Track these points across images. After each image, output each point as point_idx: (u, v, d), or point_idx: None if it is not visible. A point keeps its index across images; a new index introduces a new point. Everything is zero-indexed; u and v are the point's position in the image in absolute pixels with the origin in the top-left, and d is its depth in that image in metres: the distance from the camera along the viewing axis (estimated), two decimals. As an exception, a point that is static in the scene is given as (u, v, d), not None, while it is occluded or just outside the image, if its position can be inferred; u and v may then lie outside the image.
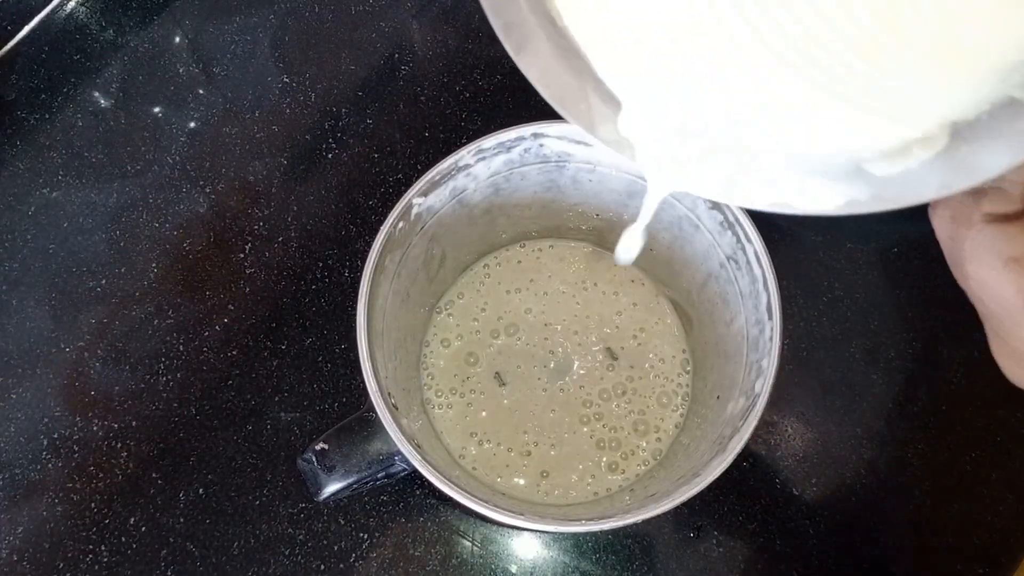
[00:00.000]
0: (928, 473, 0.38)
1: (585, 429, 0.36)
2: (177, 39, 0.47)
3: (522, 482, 0.36)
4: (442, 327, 0.38)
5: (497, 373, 0.37)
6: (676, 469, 0.32)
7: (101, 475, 0.38)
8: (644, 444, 0.36)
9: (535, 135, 0.32)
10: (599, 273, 0.39)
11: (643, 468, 0.36)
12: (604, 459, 0.36)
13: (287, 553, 0.37)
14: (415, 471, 0.28)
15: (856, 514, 0.38)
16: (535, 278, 0.39)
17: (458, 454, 0.36)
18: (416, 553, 0.37)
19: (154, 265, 0.42)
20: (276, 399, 0.39)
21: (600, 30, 0.19)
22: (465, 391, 0.37)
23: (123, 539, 0.37)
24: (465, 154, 0.31)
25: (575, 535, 0.37)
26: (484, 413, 0.37)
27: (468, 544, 0.37)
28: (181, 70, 0.46)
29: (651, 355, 0.38)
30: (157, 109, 0.45)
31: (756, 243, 0.30)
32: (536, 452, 0.36)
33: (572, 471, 0.36)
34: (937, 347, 0.41)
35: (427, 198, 0.32)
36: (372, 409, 0.28)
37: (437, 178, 0.31)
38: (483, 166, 0.32)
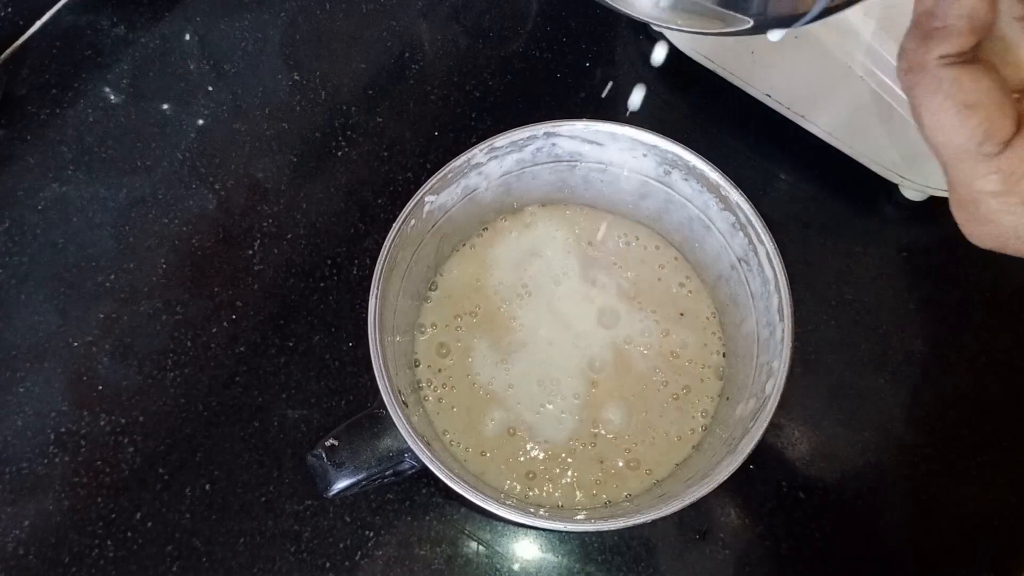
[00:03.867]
0: (934, 477, 0.38)
1: (589, 418, 0.36)
2: (187, 36, 0.47)
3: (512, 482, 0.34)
4: (424, 313, 0.36)
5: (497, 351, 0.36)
6: (686, 470, 0.32)
7: (107, 470, 0.38)
8: (680, 430, 0.34)
9: (547, 134, 0.32)
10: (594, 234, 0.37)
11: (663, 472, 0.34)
12: (620, 461, 0.35)
13: (293, 550, 0.37)
14: (424, 469, 0.28)
15: (862, 517, 0.38)
16: (531, 246, 0.37)
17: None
18: (422, 552, 0.37)
19: (162, 261, 0.42)
20: (283, 396, 0.39)
21: None
22: (449, 377, 0.35)
23: (129, 534, 0.37)
24: (478, 152, 0.31)
25: (581, 536, 0.37)
26: (467, 399, 0.35)
27: (474, 544, 0.37)
28: (191, 67, 0.46)
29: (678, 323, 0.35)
30: (167, 106, 0.46)
31: (768, 245, 0.30)
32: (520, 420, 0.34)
33: (566, 468, 0.35)
34: (944, 351, 0.41)
35: (439, 196, 0.32)
36: (382, 406, 0.28)
37: (450, 175, 0.31)
38: (495, 164, 0.32)
